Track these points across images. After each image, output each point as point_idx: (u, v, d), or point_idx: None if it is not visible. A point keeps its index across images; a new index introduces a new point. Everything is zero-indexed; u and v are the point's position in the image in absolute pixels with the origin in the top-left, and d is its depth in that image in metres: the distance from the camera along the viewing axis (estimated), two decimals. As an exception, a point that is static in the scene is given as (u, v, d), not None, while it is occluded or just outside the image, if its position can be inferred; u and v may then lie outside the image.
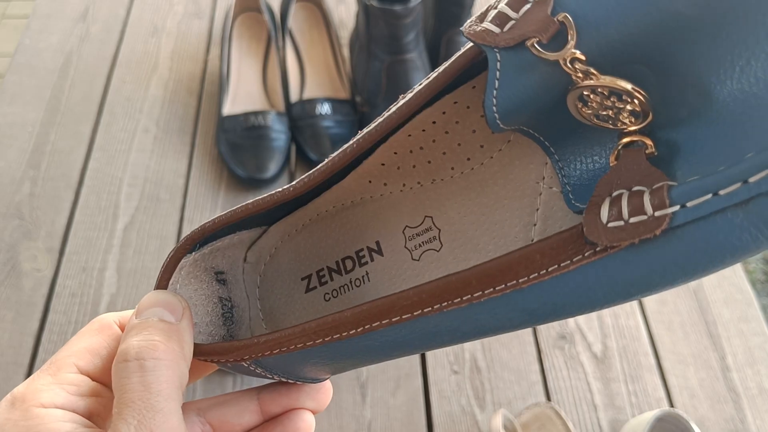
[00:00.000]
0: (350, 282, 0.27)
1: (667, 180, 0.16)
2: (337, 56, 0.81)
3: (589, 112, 0.18)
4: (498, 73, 0.18)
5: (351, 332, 0.22)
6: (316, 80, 0.79)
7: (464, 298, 0.20)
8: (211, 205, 0.71)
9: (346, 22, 0.88)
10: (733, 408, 0.58)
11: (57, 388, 0.24)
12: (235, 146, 0.72)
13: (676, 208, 0.16)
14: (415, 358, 0.60)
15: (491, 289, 0.19)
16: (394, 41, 0.70)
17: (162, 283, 0.26)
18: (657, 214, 0.16)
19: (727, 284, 0.66)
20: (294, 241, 0.28)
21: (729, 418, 0.57)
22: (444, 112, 0.23)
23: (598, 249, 0.17)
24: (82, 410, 0.24)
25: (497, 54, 0.18)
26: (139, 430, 0.21)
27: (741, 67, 0.16)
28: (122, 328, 0.26)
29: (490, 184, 0.24)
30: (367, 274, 0.27)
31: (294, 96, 0.77)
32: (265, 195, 0.24)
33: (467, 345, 0.61)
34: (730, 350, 0.61)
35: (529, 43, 0.17)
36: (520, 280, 0.19)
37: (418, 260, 0.26)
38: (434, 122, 0.24)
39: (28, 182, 0.72)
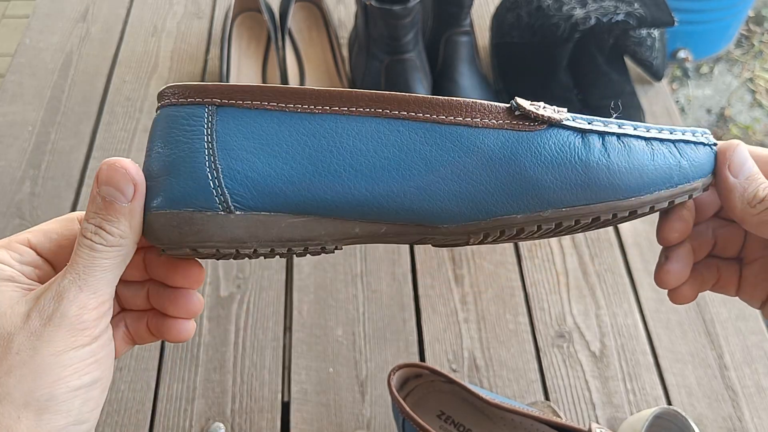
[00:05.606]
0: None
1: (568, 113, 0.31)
2: (336, 56, 0.81)
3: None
4: None
5: (324, 107, 0.30)
6: (315, 80, 0.80)
7: (402, 112, 0.30)
8: (210, 204, 0.71)
9: (345, 22, 0.88)
10: (731, 406, 0.58)
11: (3, 251, 0.31)
12: (234, 146, 0.72)
13: (567, 116, 0.31)
14: (415, 356, 0.60)
15: (426, 115, 0.30)
16: (393, 41, 0.70)
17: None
18: (558, 115, 0.31)
19: (725, 283, 0.66)
20: None
21: (726, 416, 0.58)
22: None
23: (515, 118, 0.30)
24: (17, 269, 0.31)
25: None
26: (71, 283, 0.28)
27: None
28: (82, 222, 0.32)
29: None
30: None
31: (293, 96, 0.77)
32: None
33: (466, 344, 0.61)
34: (727, 348, 0.61)
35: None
36: (447, 117, 0.30)
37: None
38: None
39: (28, 181, 0.72)
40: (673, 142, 0.32)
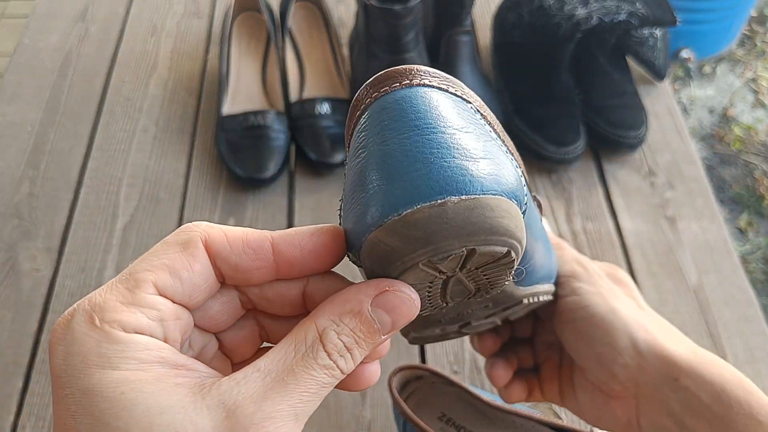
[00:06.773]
0: None
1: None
2: (336, 56, 0.81)
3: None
4: None
5: None
6: (315, 80, 0.79)
7: None
8: (210, 204, 0.71)
9: (345, 21, 0.88)
10: (734, 408, 0.58)
11: (137, 311, 0.22)
12: (234, 146, 0.71)
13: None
14: (415, 358, 0.60)
15: None
16: (393, 41, 0.70)
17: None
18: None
19: (728, 284, 0.65)
20: None
21: (729, 419, 0.57)
22: None
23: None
24: (160, 336, 0.23)
25: None
26: (289, 413, 0.23)
27: None
28: (208, 246, 0.24)
29: None
30: None
31: (293, 95, 0.77)
32: None
33: (467, 345, 0.61)
34: (730, 350, 0.61)
35: None
36: None
37: None
38: None
39: (27, 182, 0.72)
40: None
